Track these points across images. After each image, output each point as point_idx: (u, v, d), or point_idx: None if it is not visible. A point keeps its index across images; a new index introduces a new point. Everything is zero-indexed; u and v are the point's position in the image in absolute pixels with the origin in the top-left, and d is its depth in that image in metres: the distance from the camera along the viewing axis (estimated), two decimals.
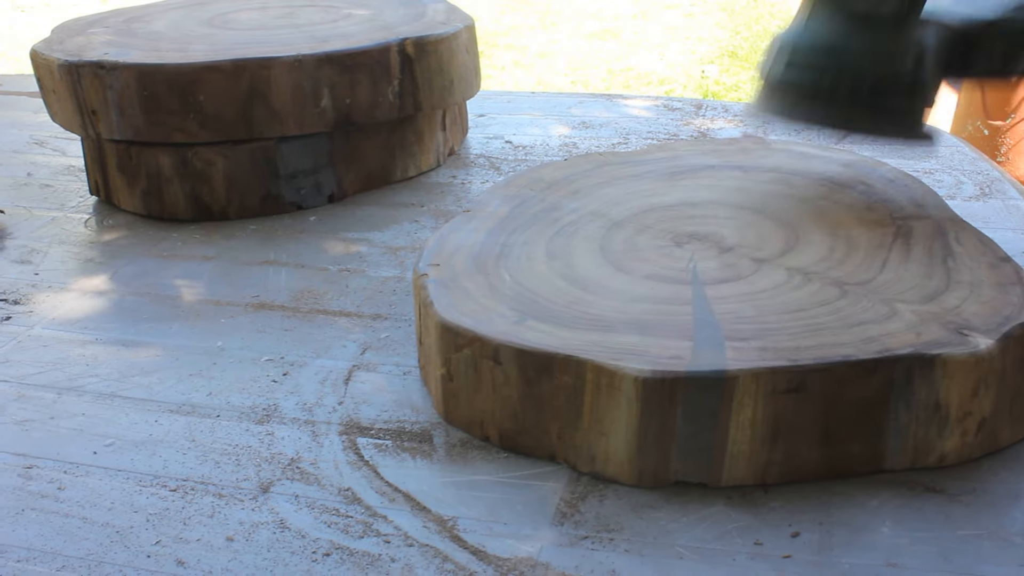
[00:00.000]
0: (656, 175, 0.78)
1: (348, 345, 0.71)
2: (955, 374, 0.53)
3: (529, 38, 4.28)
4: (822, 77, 0.66)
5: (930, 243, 0.65)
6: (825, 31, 0.66)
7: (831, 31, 0.66)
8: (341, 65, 0.91)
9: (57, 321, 0.76)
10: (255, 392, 0.66)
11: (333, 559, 0.51)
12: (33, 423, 0.63)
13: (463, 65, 1.01)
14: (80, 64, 0.90)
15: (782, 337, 0.54)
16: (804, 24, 0.67)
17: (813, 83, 0.67)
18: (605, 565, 0.50)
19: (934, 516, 0.52)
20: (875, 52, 0.66)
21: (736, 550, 0.50)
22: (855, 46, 0.66)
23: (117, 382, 0.68)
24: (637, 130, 1.14)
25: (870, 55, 0.65)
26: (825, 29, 0.66)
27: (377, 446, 0.60)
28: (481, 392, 0.58)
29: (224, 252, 0.88)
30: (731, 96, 3.45)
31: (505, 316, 0.58)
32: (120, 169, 0.95)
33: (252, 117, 0.90)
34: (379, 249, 0.87)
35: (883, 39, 0.66)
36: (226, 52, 0.91)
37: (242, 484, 0.57)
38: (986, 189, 0.93)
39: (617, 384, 0.53)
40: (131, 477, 0.58)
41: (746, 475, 0.54)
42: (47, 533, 0.53)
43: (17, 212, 0.98)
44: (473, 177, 1.02)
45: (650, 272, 0.63)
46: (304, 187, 0.95)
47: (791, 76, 0.67)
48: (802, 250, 0.64)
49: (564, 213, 0.72)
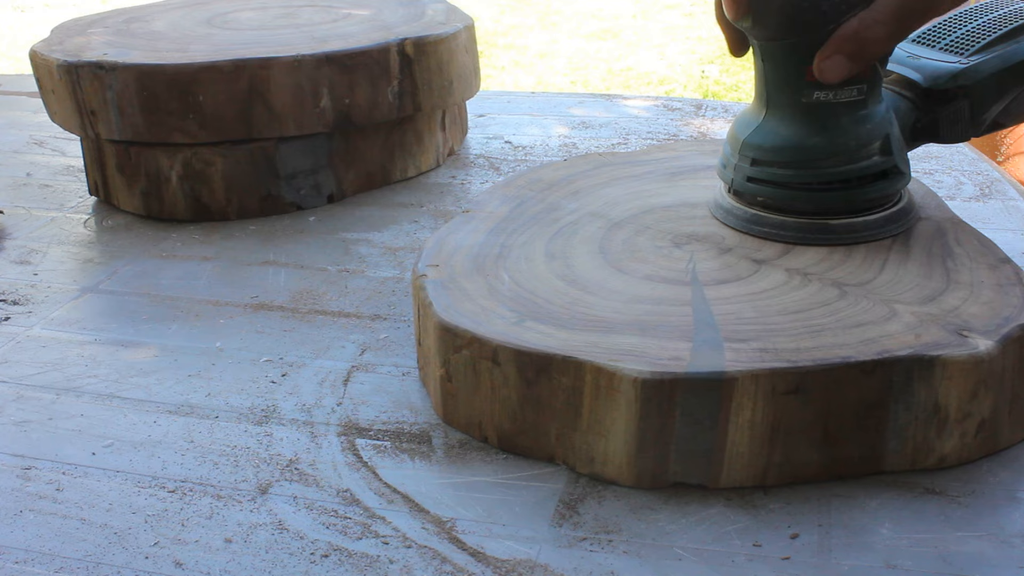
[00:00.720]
0: (656, 175, 0.78)
1: (347, 346, 0.71)
2: (954, 375, 0.53)
3: (529, 38, 4.28)
4: (791, 172, 0.63)
5: (929, 244, 0.64)
6: (784, 127, 0.63)
7: (790, 126, 0.63)
8: (340, 65, 0.91)
9: (56, 321, 0.76)
10: (254, 393, 0.66)
11: (332, 560, 0.51)
12: (31, 424, 0.63)
13: (463, 65, 1.01)
14: (79, 64, 0.90)
15: (781, 338, 0.54)
16: (761, 121, 0.64)
17: (782, 177, 0.64)
18: (604, 566, 0.50)
19: (933, 517, 0.52)
20: (838, 142, 0.62)
21: (735, 551, 0.50)
22: (816, 140, 0.63)
23: (116, 383, 0.68)
24: (637, 130, 1.14)
25: (834, 146, 0.63)
26: (783, 125, 0.63)
27: (376, 447, 0.60)
28: (480, 393, 0.58)
29: (223, 252, 0.88)
30: (731, 96, 3.45)
31: (504, 317, 0.58)
32: (119, 169, 0.95)
33: (251, 117, 0.90)
34: (378, 249, 0.87)
35: (845, 128, 0.62)
36: (225, 52, 0.91)
37: (240, 485, 0.57)
38: (986, 190, 0.93)
39: (616, 385, 0.53)
40: (129, 478, 0.58)
41: (745, 477, 0.54)
42: (45, 534, 0.53)
43: (16, 212, 0.98)
44: (473, 177, 1.02)
45: (649, 273, 0.63)
46: (303, 187, 0.95)
47: (759, 174, 0.64)
48: (801, 251, 0.64)
49: (563, 214, 0.72)
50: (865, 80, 0.62)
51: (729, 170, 0.67)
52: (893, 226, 0.65)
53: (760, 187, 0.65)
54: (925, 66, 0.68)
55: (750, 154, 0.65)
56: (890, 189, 0.65)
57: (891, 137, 0.64)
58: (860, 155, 0.63)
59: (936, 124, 0.68)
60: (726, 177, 0.67)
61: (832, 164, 0.63)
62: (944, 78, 0.67)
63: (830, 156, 0.63)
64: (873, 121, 0.63)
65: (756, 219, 0.66)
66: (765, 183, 0.65)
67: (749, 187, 0.65)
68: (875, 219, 0.65)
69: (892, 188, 0.65)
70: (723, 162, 0.68)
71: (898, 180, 0.65)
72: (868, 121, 0.63)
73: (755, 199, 0.66)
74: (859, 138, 0.63)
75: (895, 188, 0.65)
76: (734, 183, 0.66)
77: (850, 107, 0.62)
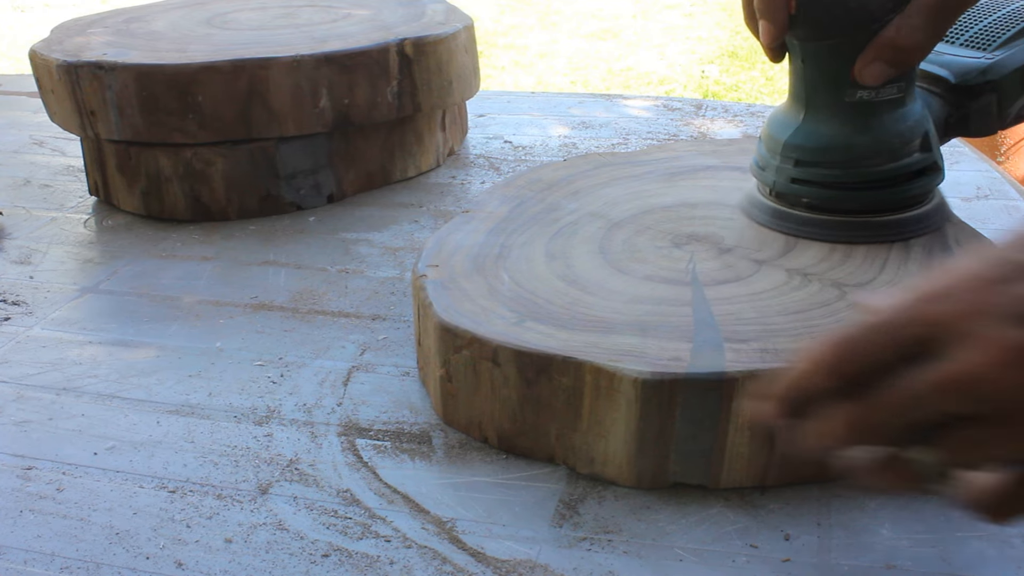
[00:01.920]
0: (655, 176, 0.78)
1: (347, 346, 0.71)
2: None
3: (529, 38, 4.28)
4: (837, 172, 0.63)
5: (929, 244, 0.64)
6: (826, 127, 0.63)
7: (832, 126, 0.63)
8: (340, 65, 0.91)
9: (56, 321, 0.76)
10: (254, 393, 0.66)
11: (332, 560, 0.51)
12: (32, 424, 0.63)
13: (462, 65, 1.01)
14: (79, 64, 0.90)
15: (782, 339, 0.54)
16: (801, 121, 0.64)
17: (828, 177, 0.64)
18: (604, 567, 0.50)
19: (933, 518, 0.52)
20: (882, 141, 0.63)
21: (735, 552, 0.50)
22: (861, 139, 0.63)
23: (116, 383, 0.68)
24: (637, 130, 1.14)
25: (878, 145, 0.63)
26: (825, 125, 0.63)
27: (376, 447, 0.60)
28: (480, 393, 0.58)
29: (223, 252, 0.88)
30: (731, 96, 3.45)
31: (504, 317, 0.58)
32: (119, 169, 0.95)
33: (251, 117, 0.90)
34: (378, 249, 0.87)
35: (887, 126, 0.63)
36: (225, 52, 0.91)
37: (241, 485, 0.57)
38: (986, 189, 0.93)
39: (616, 386, 0.53)
40: (130, 478, 0.58)
41: (745, 477, 0.54)
42: (46, 534, 0.53)
43: (16, 212, 0.98)
44: (473, 177, 1.02)
45: (649, 273, 0.63)
46: (303, 187, 0.95)
47: (804, 174, 0.64)
48: (801, 251, 0.64)
49: (563, 214, 0.72)
50: (904, 78, 0.62)
51: (770, 172, 0.66)
52: (934, 220, 0.66)
53: (805, 188, 0.65)
54: (952, 62, 0.68)
55: (793, 155, 0.64)
56: (931, 185, 0.65)
57: (929, 133, 0.64)
58: (903, 152, 0.63)
59: (967, 119, 0.69)
60: (766, 179, 0.67)
61: (877, 162, 0.63)
62: (973, 74, 0.67)
63: (875, 155, 0.63)
64: (913, 118, 0.63)
65: (804, 220, 0.66)
66: (810, 184, 0.64)
67: (793, 188, 0.65)
68: (919, 214, 0.65)
69: (932, 184, 0.65)
70: (760, 164, 0.67)
71: (937, 176, 0.66)
72: (908, 118, 0.63)
73: (799, 200, 0.65)
74: (901, 136, 0.63)
75: (935, 184, 0.66)
76: (776, 185, 0.66)
77: (891, 105, 0.62)
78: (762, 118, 1.17)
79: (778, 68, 3.72)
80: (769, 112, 0.68)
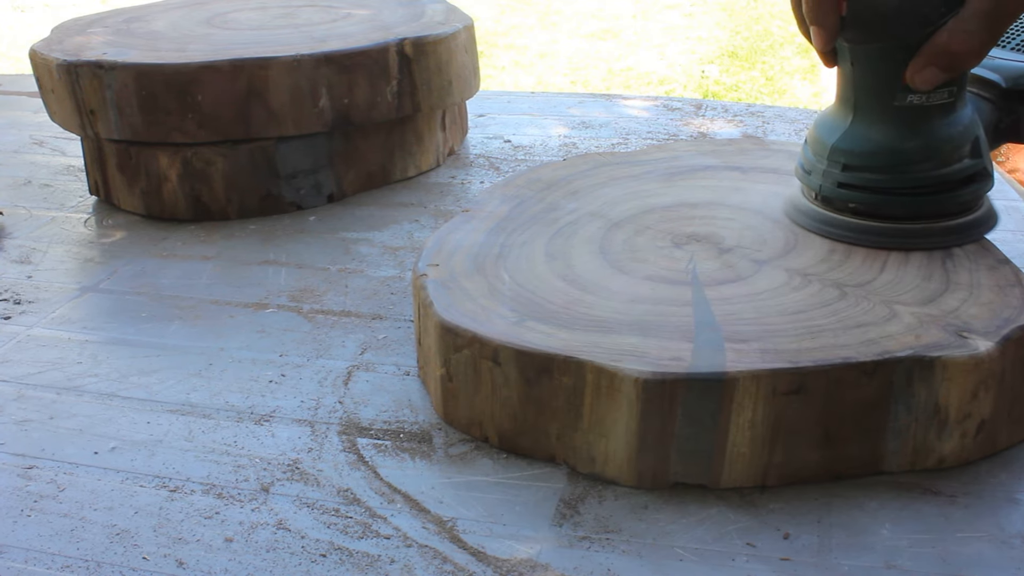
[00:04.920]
0: (655, 175, 0.78)
1: (347, 345, 0.71)
2: (954, 376, 0.53)
3: (529, 38, 4.28)
4: (885, 177, 0.62)
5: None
6: (875, 131, 0.62)
7: (882, 130, 0.62)
8: (339, 65, 0.91)
9: (56, 321, 0.76)
10: (255, 392, 0.66)
11: (332, 560, 0.51)
12: (32, 423, 0.63)
13: (462, 65, 1.01)
14: (78, 64, 0.90)
15: (782, 339, 0.54)
16: (849, 125, 0.63)
17: (876, 182, 0.62)
18: (604, 566, 0.50)
19: (933, 518, 0.52)
20: (932, 146, 0.61)
21: (735, 552, 0.50)
22: (910, 144, 0.61)
23: (117, 382, 0.68)
24: (637, 130, 1.14)
25: (928, 150, 0.61)
26: (874, 129, 0.62)
27: (376, 447, 0.60)
28: (481, 393, 0.58)
29: (224, 252, 0.88)
30: (731, 96, 3.45)
31: (505, 317, 0.58)
32: (120, 169, 0.95)
33: (250, 117, 0.90)
34: (378, 249, 0.87)
35: (937, 131, 0.61)
36: (224, 52, 0.91)
37: (241, 485, 0.57)
38: None
39: (617, 385, 0.53)
40: (131, 477, 0.58)
41: (746, 477, 0.54)
42: (47, 533, 0.53)
43: (16, 212, 0.98)
44: (473, 177, 1.02)
45: (650, 273, 0.63)
46: (303, 187, 0.95)
47: (851, 179, 0.63)
48: (801, 251, 0.64)
49: (563, 213, 0.72)
50: (955, 83, 0.61)
51: (816, 176, 0.65)
52: (983, 227, 0.65)
53: (853, 192, 0.63)
54: (1002, 66, 0.67)
55: (840, 159, 0.63)
56: (981, 191, 0.64)
57: (979, 139, 0.63)
58: (953, 158, 0.62)
59: (1019, 124, 0.67)
60: (812, 183, 0.65)
61: (926, 168, 0.62)
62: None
63: (924, 160, 0.61)
64: (963, 123, 0.62)
65: (850, 226, 0.65)
66: (858, 188, 0.63)
67: (840, 193, 0.64)
68: (969, 220, 0.64)
69: (983, 191, 0.64)
70: (806, 167, 0.66)
71: (987, 182, 0.64)
72: (958, 123, 0.62)
73: (846, 205, 0.64)
74: (952, 141, 0.62)
75: (985, 191, 0.64)
76: (822, 189, 0.65)
77: (941, 110, 0.61)
78: (762, 118, 1.17)
79: (777, 68, 3.72)
80: (816, 115, 0.67)
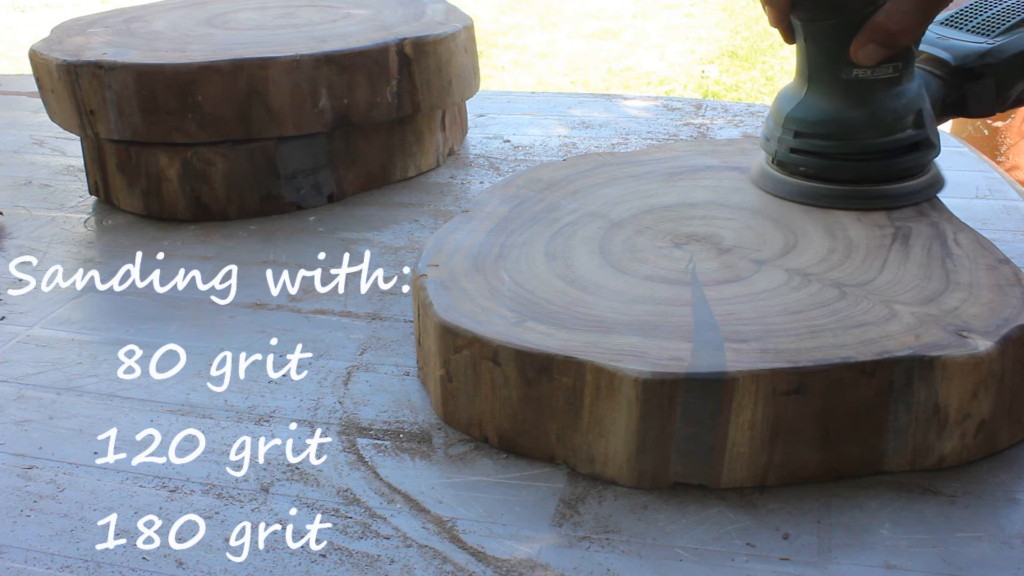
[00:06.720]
0: (655, 175, 0.78)
1: (347, 345, 0.71)
2: (954, 376, 0.53)
3: (529, 38, 4.28)
4: (832, 144, 0.68)
5: (929, 244, 0.65)
6: (825, 102, 0.68)
7: (831, 101, 0.68)
8: (339, 65, 0.91)
9: (56, 321, 0.76)
10: (254, 392, 0.66)
11: (332, 560, 0.51)
12: (32, 423, 0.63)
13: (462, 65, 1.01)
14: (78, 64, 0.90)
15: (782, 339, 0.54)
16: (803, 96, 0.69)
17: (824, 148, 0.69)
18: (604, 566, 0.50)
19: (933, 518, 0.52)
20: (876, 116, 0.67)
21: (735, 551, 0.50)
22: (856, 114, 0.67)
23: (116, 382, 0.68)
24: (637, 130, 1.14)
25: (872, 120, 0.67)
26: (825, 100, 0.68)
27: (376, 447, 0.60)
28: (480, 393, 0.58)
29: (224, 252, 0.88)
30: (731, 96, 3.45)
31: (504, 317, 0.58)
32: (120, 169, 0.95)
33: (250, 117, 0.90)
34: (378, 249, 0.87)
35: (882, 102, 0.67)
36: (224, 52, 0.91)
37: (241, 485, 0.57)
38: (985, 189, 0.93)
39: (617, 385, 0.53)
40: (131, 477, 0.58)
41: (745, 477, 0.54)
42: (46, 534, 0.53)
43: (16, 212, 0.98)
44: (473, 177, 1.02)
45: (649, 273, 0.63)
46: (303, 187, 0.95)
47: (802, 145, 0.69)
48: (801, 251, 0.64)
49: (563, 214, 0.72)
50: (900, 59, 0.66)
51: (773, 142, 0.71)
52: (925, 192, 0.70)
53: (802, 157, 0.69)
54: (954, 46, 0.72)
55: (793, 127, 0.69)
56: (923, 159, 0.69)
57: (924, 112, 0.68)
58: (896, 127, 0.67)
59: (964, 100, 0.73)
60: (770, 149, 0.72)
61: (870, 136, 0.67)
62: (972, 57, 0.71)
63: (868, 128, 0.67)
64: (907, 96, 0.68)
65: (801, 189, 0.70)
66: (807, 154, 0.69)
67: (792, 158, 0.70)
68: (911, 186, 0.69)
69: (925, 159, 0.69)
70: (766, 135, 0.72)
71: (930, 151, 0.69)
72: (903, 96, 0.67)
73: (797, 169, 0.70)
74: (895, 112, 0.67)
75: (927, 159, 0.70)
76: (777, 154, 0.71)
77: (887, 84, 0.67)
78: (762, 118, 1.17)
79: (777, 68, 3.72)
80: None
